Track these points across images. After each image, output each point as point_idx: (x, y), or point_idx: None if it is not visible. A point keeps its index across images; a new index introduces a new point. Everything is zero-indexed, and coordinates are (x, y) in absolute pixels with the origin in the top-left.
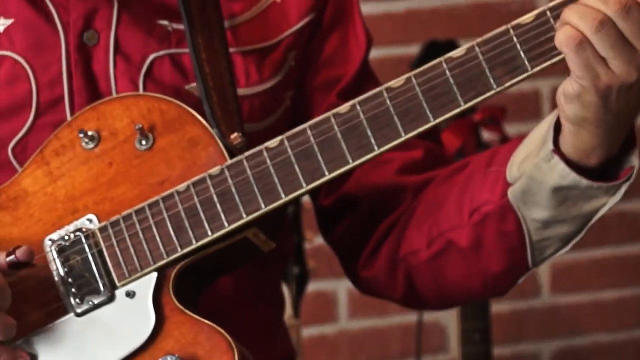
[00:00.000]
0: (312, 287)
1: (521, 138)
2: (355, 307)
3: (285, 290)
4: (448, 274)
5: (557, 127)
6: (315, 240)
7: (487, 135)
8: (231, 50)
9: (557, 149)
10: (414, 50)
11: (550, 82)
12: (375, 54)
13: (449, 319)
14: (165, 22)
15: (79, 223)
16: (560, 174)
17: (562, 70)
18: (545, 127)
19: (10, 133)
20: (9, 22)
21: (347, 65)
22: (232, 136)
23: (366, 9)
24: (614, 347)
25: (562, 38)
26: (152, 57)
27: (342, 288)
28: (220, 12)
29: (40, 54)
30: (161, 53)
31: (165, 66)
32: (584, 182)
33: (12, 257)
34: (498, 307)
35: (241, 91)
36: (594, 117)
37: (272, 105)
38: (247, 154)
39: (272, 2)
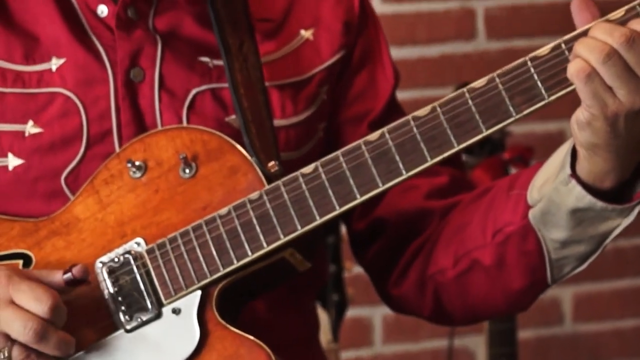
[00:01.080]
0: (350, 313)
1: (541, 163)
2: (389, 332)
3: (326, 316)
4: (473, 291)
5: (574, 153)
6: (353, 270)
7: (515, 172)
8: (267, 84)
9: (574, 173)
10: (447, 91)
11: None
12: (410, 94)
13: (478, 344)
14: (205, 59)
15: (127, 246)
16: (576, 196)
17: None
18: (562, 153)
19: (63, 163)
20: (61, 61)
21: (376, 100)
22: (270, 164)
23: (403, 53)
24: None
25: (573, 70)
26: (194, 91)
27: (378, 314)
28: (256, 49)
29: (90, 90)
30: (202, 87)
31: (207, 100)
32: (599, 204)
33: (69, 274)
34: (524, 334)
35: (277, 122)
36: (604, 142)
37: (306, 136)
38: (284, 179)
39: (305, 39)
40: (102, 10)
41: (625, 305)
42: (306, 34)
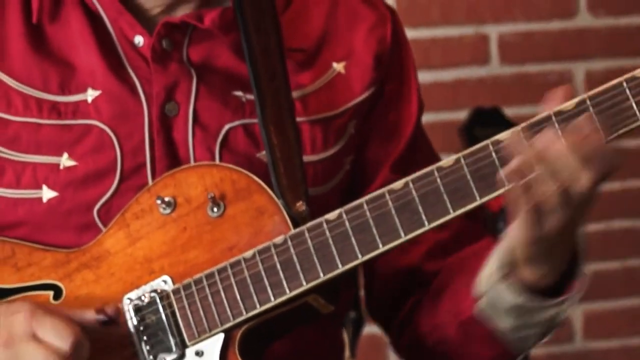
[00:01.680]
0: (366, 330)
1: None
2: None
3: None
4: (449, 357)
5: None
6: None
7: None
8: (298, 119)
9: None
10: (461, 115)
11: None
12: (426, 118)
13: None
14: (239, 93)
15: (154, 283)
16: (513, 294)
17: None
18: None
19: (96, 197)
20: (97, 93)
21: (400, 138)
22: (297, 204)
23: (418, 77)
24: None
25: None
26: (227, 127)
27: None
28: (288, 84)
29: (124, 123)
30: (235, 123)
31: (239, 135)
32: (535, 301)
33: (102, 315)
34: (535, 351)
35: (307, 158)
36: (538, 258)
37: (334, 170)
38: (309, 225)
39: (337, 73)
40: (139, 40)
41: (634, 324)
42: (338, 67)
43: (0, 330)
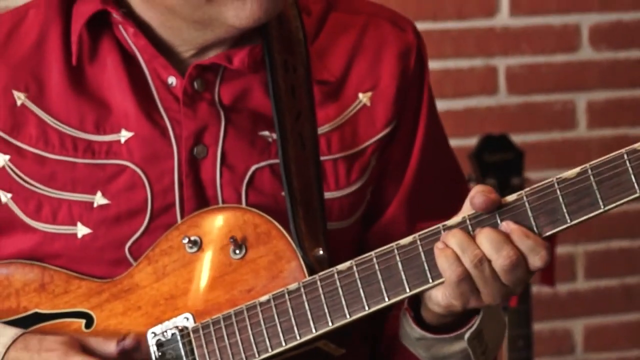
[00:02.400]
0: None
1: None
2: None
3: None
4: None
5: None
6: None
7: None
8: (322, 158)
9: (409, 307)
10: (472, 142)
11: None
12: None
13: None
14: (266, 133)
15: (177, 320)
16: (412, 327)
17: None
18: None
19: (128, 234)
20: (130, 134)
21: (409, 167)
22: (315, 250)
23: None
24: None
25: (445, 267)
26: (253, 167)
27: None
28: (314, 122)
29: (155, 164)
30: (262, 164)
31: (265, 176)
32: (428, 335)
33: (122, 345)
34: None
35: (330, 194)
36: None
37: (358, 203)
38: (321, 274)
39: (362, 105)
40: (172, 81)
41: (631, 337)
42: (364, 98)
43: None
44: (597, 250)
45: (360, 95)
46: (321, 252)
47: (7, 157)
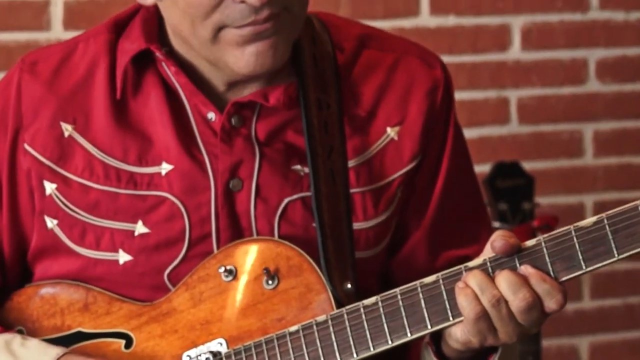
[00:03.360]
0: None
1: None
2: None
3: None
4: None
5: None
6: None
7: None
8: (351, 190)
9: (430, 341)
10: (485, 169)
11: (591, 196)
12: None
13: None
14: (297, 167)
15: (211, 345)
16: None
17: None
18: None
19: (167, 262)
20: (170, 167)
21: (428, 207)
22: (343, 284)
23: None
24: None
25: (465, 306)
26: (286, 200)
27: None
28: (345, 157)
29: (193, 197)
30: (294, 197)
31: (297, 208)
32: None
33: None
34: None
35: (358, 225)
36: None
37: (384, 233)
38: (348, 308)
39: (390, 139)
40: (211, 116)
41: (634, 354)
42: (392, 132)
43: None
44: (602, 271)
45: (389, 129)
46: (349, 285)
47: (54, 185)
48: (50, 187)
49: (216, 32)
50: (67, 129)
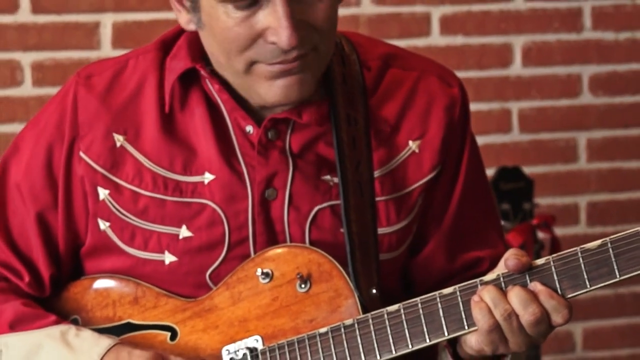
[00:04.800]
0: None
1: None
2: None
3: None
4: None
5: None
6: None
7: (541, 235)
8: (376, 199)
9: (448, 344)
10: (489, 173)
11: (585, 197)
12: None
13: None
14: (327, 177)
15: (248, 341)
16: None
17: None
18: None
19: (208, 263)
20: (212, 177)
21: (446, 213)
22: (369, 289)
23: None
24: None
25: (479, 317)
26: (316, 208)
27: None
28: (371, 169)
29: (232, 205)
30: (324, 205)
31: (326, 215)
32: None
33: None
34: (545, 358)
35: (382, 230)
36: (481, 357)
37: (405, 237)
38: (373, 313)
39: (412, 152)
40: (250, 129)
41: (622, 338)
42: (413, 145)
43: None
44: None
45: (411, 142)
46: (374, 291)
47: (107, 191)
48: (103, 193)
49: (249, 65)
50: (119, 139)
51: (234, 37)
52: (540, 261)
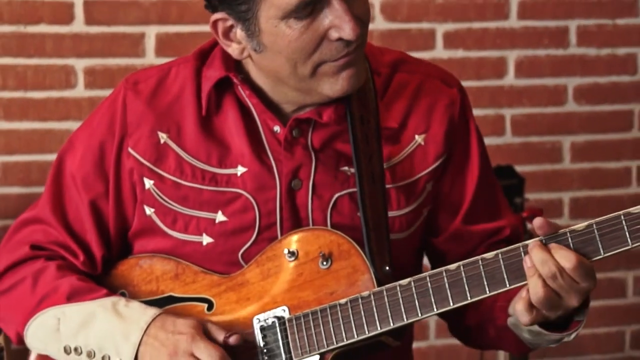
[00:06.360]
0: None
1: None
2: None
3: None
4: (488, 340)
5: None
6: None
7: (530, 226)
8: (387, 186)
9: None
10: None
11: (568, 193)
12: None
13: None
14: (345, 168)
15: (276, 311)
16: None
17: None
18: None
19: (240, 244)
20: (244, 169)
21: (466, 193)
22: (383, 266)
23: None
24: None
25: (545, 273)
26: (336, 195)
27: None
28: (382, 161)
29: (262, 193)
30: (343, 192)
31: (345, 202)
32: (544, 332)
33: (229, 340)
34: None
35: (393, 213)
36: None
37: (415, 219)
38: (387, 286)
39: (418, 144)
40: (277, 129)
41: (599, 317)
42: (419, 138)
43: (169, 344)
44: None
45: (417, 136)
46: (387, 268)
47: (152, 181)
48: (148, 183)
49: (315, 68)
50: (163, 137)
51: (301, 45)
52: (531, 241)
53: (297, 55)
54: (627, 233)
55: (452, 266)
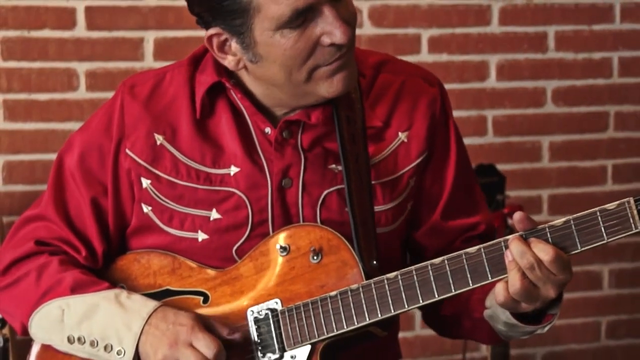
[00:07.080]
0: None
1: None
2: None
3: None
4: (464, 331)
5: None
6: None
7: (510, 221)
8: (373, 182)
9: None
10: None
11: (547, 191)
12: None
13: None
14: (332, 166)
15: (269, 303)
16: (507, 316)
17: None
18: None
19: (234, 241)
20: (237, 169)
21: (444, 188)
22: (370, 260)
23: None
24: None
25: (524, 264)
26: (325, 192)
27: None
28: (367, 160)
29: (254, 192)
30: (331, 189)
31: (333, 198)
32: (519, 324)
33: (231, 336)
34: None
35: (378, 207)
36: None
37: (399, 213)
38: (375, 279)
39: (401, 142)
40: (268, 130)
41: (576, 309)
42: (402, 136)
43: (169, 334)
44: None
45: (400, 134)
46: (374, 262)
47: (149, 181)
48: (145, 182)
49: (310, 73)
50: (159, 138)
51: (295, 53)
52: (511, 236)
53: (292, 62)
54: (602, 228)
55: (437, 260)
